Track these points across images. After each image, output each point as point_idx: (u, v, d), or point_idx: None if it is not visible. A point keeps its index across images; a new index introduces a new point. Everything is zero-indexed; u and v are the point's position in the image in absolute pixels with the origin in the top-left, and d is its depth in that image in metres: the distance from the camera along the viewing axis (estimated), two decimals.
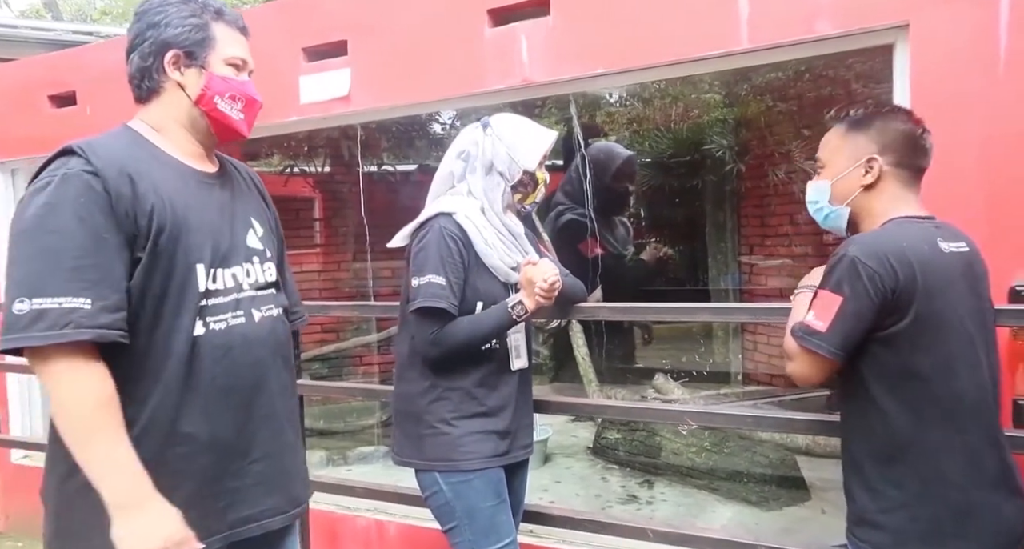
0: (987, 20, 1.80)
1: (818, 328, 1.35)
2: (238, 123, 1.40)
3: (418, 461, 1.78)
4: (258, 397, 1.38)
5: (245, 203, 1.47)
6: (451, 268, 1.69)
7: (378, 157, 5.14)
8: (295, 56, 2.81)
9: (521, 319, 1.72)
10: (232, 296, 1.35)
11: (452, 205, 1.77)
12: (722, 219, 4.83)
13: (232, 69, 1.39)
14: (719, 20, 2.14)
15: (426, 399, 1.76)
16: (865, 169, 1.45)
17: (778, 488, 3.20)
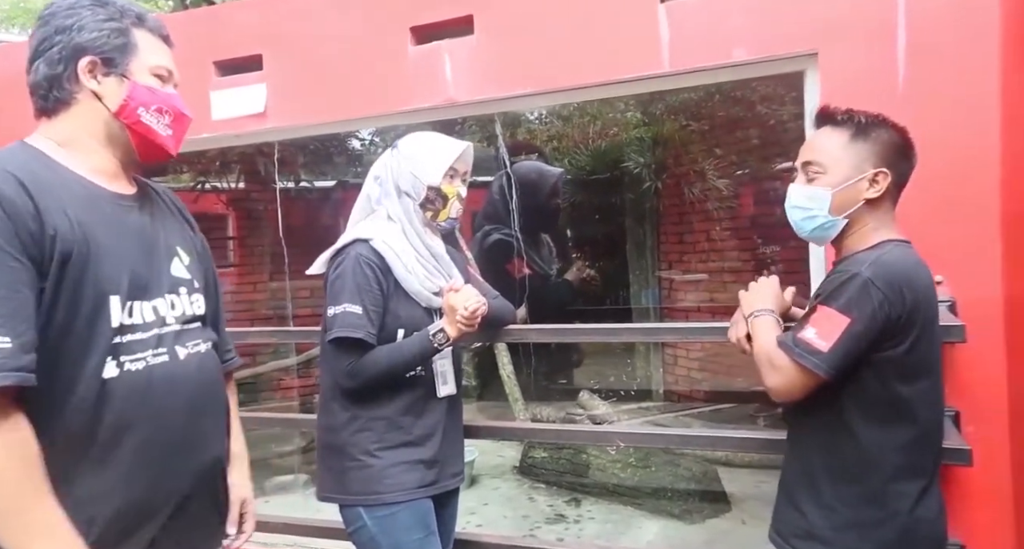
0: (886, 51, 1.91)
1: (820, 347, 1.29)
2: (165, 139, 1.26)
3: (341, 496, 1.71)
4: (185, 448, 1.23)
5: (169, 228, 1.32)
6: (368, 296, 1.64)
7: (295, 173, 4.97)
8: (205, 70, 2.67)
9: (443, 347, 1.67)
10: (152, 331, 1.20)
11: (369, 230, 1.72)
12: (642, 236, 4.94)
13: (157, 80, 1.25)
14: (641, 44, 2.18)
15: (348, 431, 1.69)
16: (870, 182, 1.39)
17: (700, 501, 3.27)
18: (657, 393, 4.79)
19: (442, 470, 1.75)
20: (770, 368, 1.35)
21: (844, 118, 1.41)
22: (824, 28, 1.96)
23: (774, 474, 3.70)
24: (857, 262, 1.33)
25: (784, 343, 1.35)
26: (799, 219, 1.44)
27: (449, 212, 1.76)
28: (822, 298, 1.33)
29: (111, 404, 1.12)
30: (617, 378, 4.87)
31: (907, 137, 1.42)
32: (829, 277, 1.38)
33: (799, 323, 1.37)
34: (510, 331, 2.09)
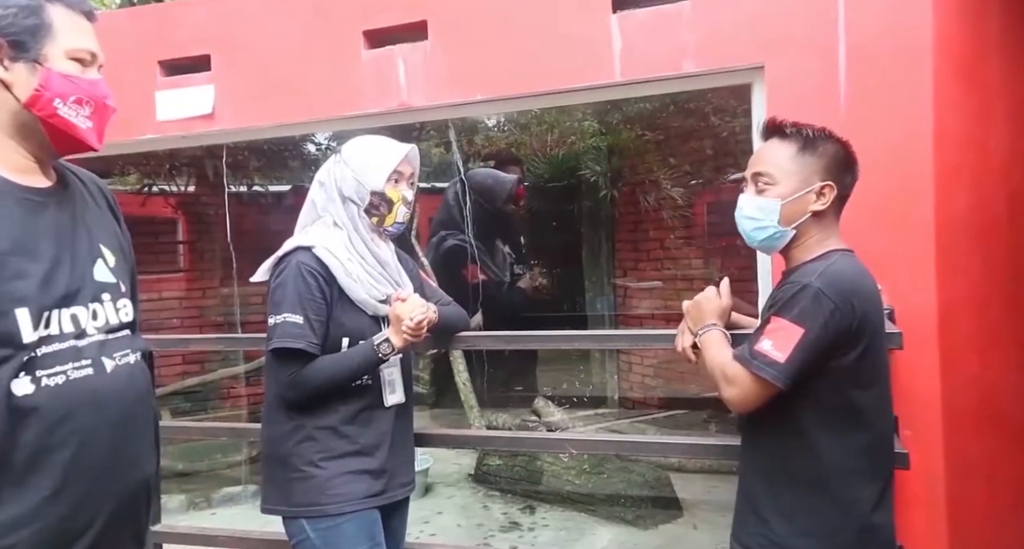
0: (829, 66, 1.97)
1: (776, 358, 1.30)
2: (85, 132, 1.13)
3: (284, 508, 1.66)
4: (113, 468, 1.13)
5: (93, 226, 1.19)
6: (310, 305, 1.60)
7: (248, 177, 4.88)
8: (150, 69, 2.61)
9: (387, 357, 1.64)
10: (70, 342, 1.09)
11: (312, 238, 1.68)
12: (597, 243, 4.98)
13: (77, 65, 1.11)
14: (594, 53, 2.20)
15: (292, 441, 1.65)
16: (817, 195, 1.42)
17: (653, 507, 3.29)
18: (612, 400, 4.82)
19: (390, 480, 1.71)
20: (725, 381, 1.37)
21: (792, 131, 1.44)
22: (770, 42, 2.01)
23: (725, 479, 3.79)
24: (806, 273, 1.36)
25: (741, 356, 1.36)
26: (750, 229, 1.46)
27: (395, 217, 1.72)
28: (775, 309, 1.35)
29: (28, 424, 1.03)
30: (572, 385, 4.89)
31: (851, 151, 1.46)
32: (781, 288, 1.40)
33: (754, 335, 1.38)
34: (463, 338, 2.06)
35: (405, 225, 1.77)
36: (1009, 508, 2.03)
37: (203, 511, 3.54)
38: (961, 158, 1.94)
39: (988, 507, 1.97)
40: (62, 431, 1.06)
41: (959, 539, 1.84)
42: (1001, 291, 2.04)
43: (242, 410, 4.59)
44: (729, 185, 4.44)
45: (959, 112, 1.93)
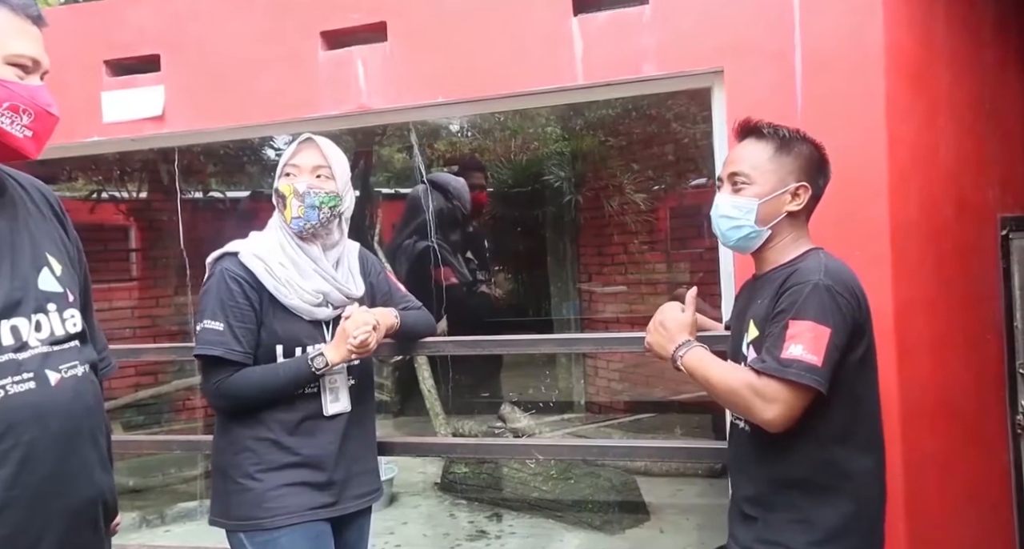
0: (786, 70, 1.98)
1: (813, 362, 1.24)
2: (23, 142, 1.08)
3: (224, 521, 1.63)
4: (59, 486, 1.08)
5: (36, 233, 1.15)
6: (233, 312, 1.57)
7: (204, 182, 4.76)
8: (95, 69, 2.51)
9: (321, 372, 1.59)
10: (7, 356, 1.05)
11: (241, 243, 1.65)
12: (562, 248, 4.98)
13: (15, 70, 1.06)
14: (555, 55, 2.19)
15: (229, 452, 1.62)
16: (792, 195, 1.42)
17: (620, 511, 3.29)
18: (579, 404, 4.82)
19: (343, 491, 1.66)
20: (760, 401, 1.27)
21: (769, 131, 1.44)
22: (729, 46, 2.02)
23: (691, 482, 3.80)
24: (806, 272, 1.33)
25: (770, 369, 1.27)
26: (726, 228, 1.45)
27: (291, 211, 1.62)
28: (791, 313, 1.29)
29: None
30: (538, 390, 4.87)
31: (824, 153, 1.47)
32: (785, 291, 1.33)
33: (769, 344, 1.30)
34: (426, 344, 2.03)
35: (308, 221, 1.62)
36: (962, 500, 2.07)
37: (157, 528, 3.43)
38: (913, 163, 1.97)
39: (943, 501, 2.00)
40: (1, 448, 1.02)
41: (917, 533, 1.87)
42: (951, 291, 2.08)
43: (198, 422, 4.46)
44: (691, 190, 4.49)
45: (910, 118, 1.96)
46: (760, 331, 1.38)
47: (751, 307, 1.44)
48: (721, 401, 1.37)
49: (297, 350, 1.63)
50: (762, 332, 1.37)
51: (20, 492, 1.04)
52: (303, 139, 1.69)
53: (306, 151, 1.67)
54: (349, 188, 1.74)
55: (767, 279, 1.44)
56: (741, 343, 1.44)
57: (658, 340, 1.46)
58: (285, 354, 1.62)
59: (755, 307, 1.42)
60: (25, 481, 1.04)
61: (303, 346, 1.63)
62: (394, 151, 5.51)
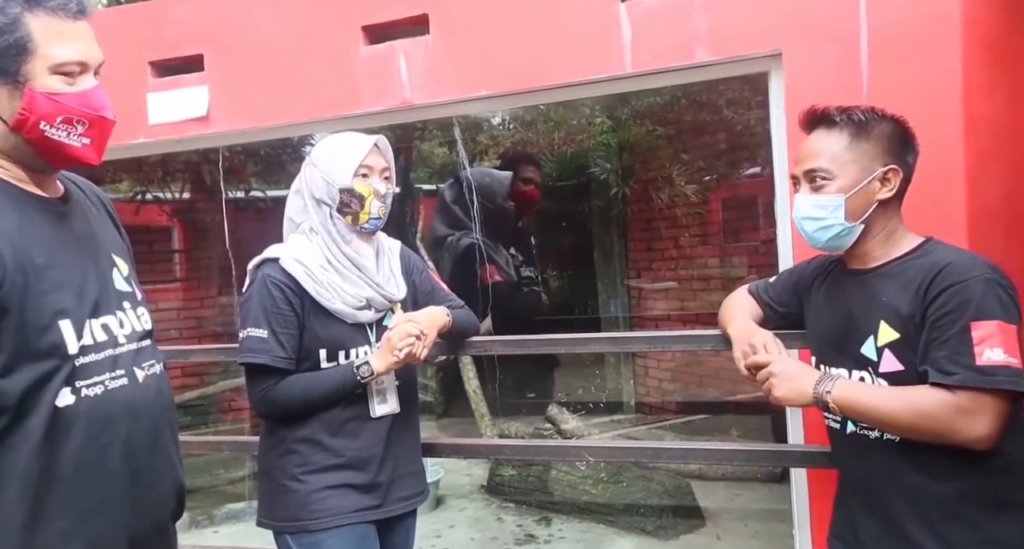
0: (850, 51, 1.87)
1: (1016, 365, 1.15)
2: (82, 151, 1.08)
3: (270, 522, 1.65)
4: (145, 483, 1.13)
5: (101, 235, 1.18)
6: (276, 318, 1.57)
7: (245, 182, 4.80)
8: (141, 70, 2.53)
9: (367, 380, 1.59)
10: (107, 352, 1.08)
11: (281, 248, 1.65)
12: (609, 243, 4.87)
13: (63, 79, 1.05)
14: (602, 44, 2.11)
15: (275, 453, 1.63)
16: (881, 181, 1.32)
17: (674, 517, 3.19)
18: (628, 405, 4.72)
19: (388, 494, 1.66)
20: (965, 419, 1.16)
21: (841, 118, 1.34)
22: (787, 28, 1.93)
23: (748, 487, 3.67)
24: (962, 268, 1.22)
25: (969, 381, 1.16)
26: (812, 230, 1.36)
27: (369, 212, 1.64)
28: (969, 314, 1.18)
29: (70, 436, 1.03)
30: (587, 391, 4.79)
31: (907, 127, 1.37)
32: (942, 290, 1.21)
33: (953, 351, 1.18)
34: (472, 343, 1.99)
35: (383, 220, 1.68)
36: None
37: (206, 529, 3.46)
38: (993, 145, 1.85)
39: None
40: (103, 441, 1.07)
41: None
42: None
43: (244, 423, 4.50)
44: (745, 180, 4.33)
45: (990, 97, 1.84)
46: (901, 333, 1.26)
47: (870, 307, 1.32)
48: (900, 429, 1.23)
49: (340, 354, 1.63)
50: (904, 335, 1.25)
51: (122, 484, 1.09)
52: (371, 140, 1.68)
53: (376, 153, 1.68)
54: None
55: (883, 274, 1.33)
56: (858, 346, 1.32)
57: (788, 388, 1.33)
58: (328, 358, 1.62)
59: (878, 307, 1.30)
60: (125, 473, 1.10)
61: (346, 349, 1.63)
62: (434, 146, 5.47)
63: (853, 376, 1.33)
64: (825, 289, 1.46)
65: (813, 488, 1.87)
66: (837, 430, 1.39)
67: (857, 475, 1.38)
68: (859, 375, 1.32)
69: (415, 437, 1.79)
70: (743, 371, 1.44)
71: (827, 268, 1.49)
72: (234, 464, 3.93)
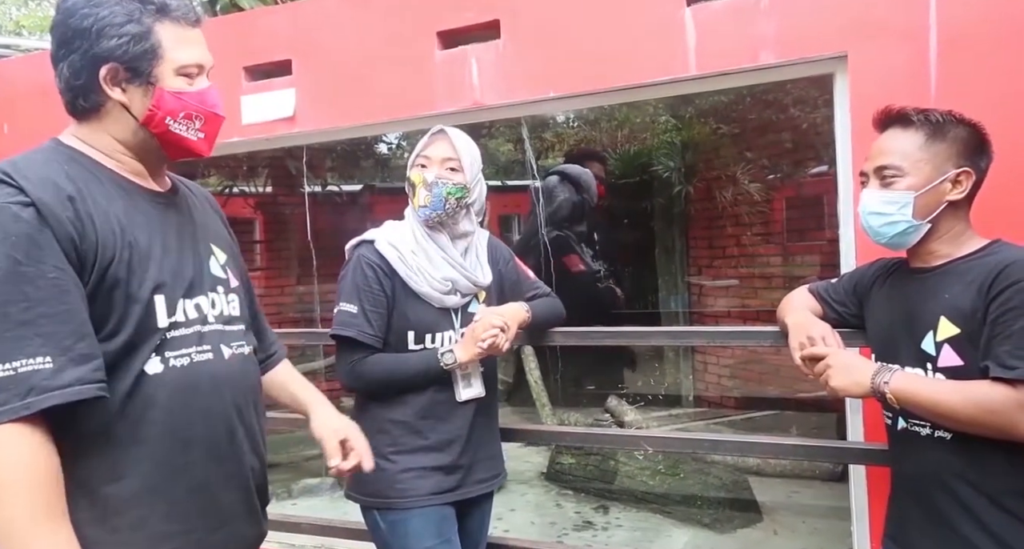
0: (919, 51, 1.86)
1: None
2: (197, 144, 1.19)
3: (359, 496, 1.72)
4: (226, 453, 1.19)
5: (203, 226, 1.28)
6: (367, 296, 1.64)
7: (322, 177, 5.02)
8: (236, 75, 2.71)
9: (450, 368, 1.64)
10: (195, 328, 1.17)
11: (378, 231, 1.73)
12: (671, 240, 4.89)
13: (185, 80, 1.16)
14: (668, 47, 2.15)
15: (367, 432, 1.64)
16: (953, 183, 1.33)
17: (731, 510, 3.20)
18: (687, 400, 4.72)
19: (467, 476, 1.71)
20: None
21: (918, 118, 1.35)
22: (853, 29, 1.92)
23: (807, 484, 3.65)
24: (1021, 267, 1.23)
25: None
26: (878, 225, 1.37)
27: (419, 200, 1.68)
28: None
29: (157, 401, 1.11)
30: (646, 384, 4.82)
31: (983, 133, 1.37)
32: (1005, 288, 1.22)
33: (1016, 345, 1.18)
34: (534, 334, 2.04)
35: (433, 210, 1.67)
36: None
37: (284, 501, 3.66)
38: None
39: None
40: (186, 409, 1.13)
41: None
42: None
43: None
44: (810, 179, 4.27)
45: None
46: (962, 329, 1.27)
47: (931, 303, 1.33)
48: (960, 423, 1.23)
49: (427, 337, 1.68)
50: (965, 330, 1.26)
51: (203, 452, 1.15)
52: (435, 131, 1.72)
53: (438, 143, 1.71)
54: (479, 180, 1.76)
55: (945, 272, 1.34)
56: (917, 341, 1.33)
57: (845, 379, 1.34)
58: (415, 341, 1.67)
59: (939, 302, 1.31)
60: (207, 442, 1.15)
61: (433, 333, 1.68)
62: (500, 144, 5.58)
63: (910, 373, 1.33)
64: (887, 289, 1.47)
65: (873, 486, 1.88)
66: (889, 426, 1.40)
67: (908, 473, 1.38)
68: (916, 372, 1.32)
69: (494, 421, 1.83)
70: (798, 361, 1.45)
71: (889, 269, 1.49)
72: (309, 443, 4.11)
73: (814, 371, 1.41)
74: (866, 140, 1.51)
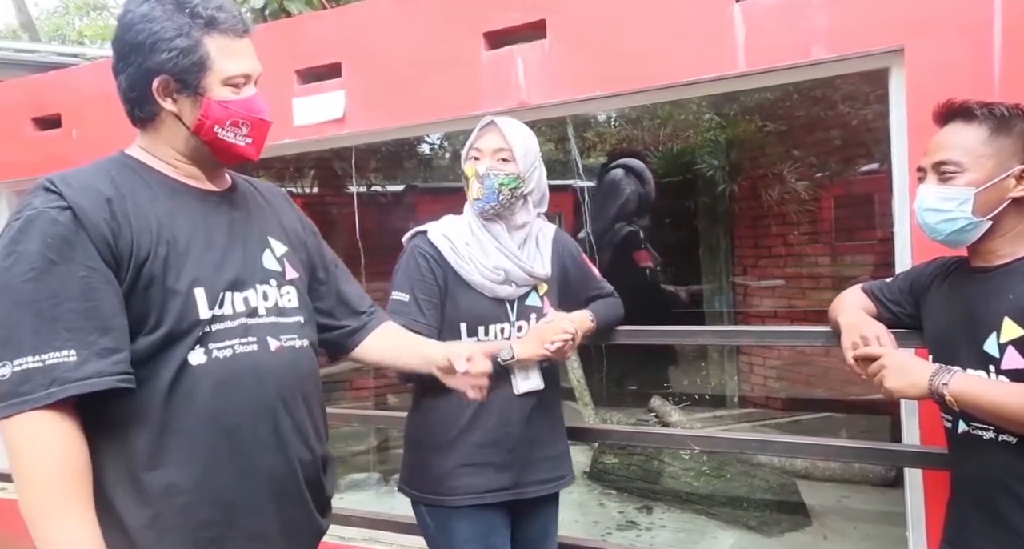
0: (981, 43, 1.80)
1: None
2: (245, 149, 1.24)
3: (408, 490, 1.71)
4: (269, 444, 1.20)
5: (262, 221, 1.32)
6: (419, 285, 1.64)
7: (367, 178, 5.10)
8: (288, 78, 2.78)
9: (507, 363, 1.60)
10: (240, 321, 1.20)
11: (434, 223, 1.73)
12: (715, 240, 4.83)
13: (231, 89, 1.21)
14: (716, 43, 2.13)
15: (420, 426, 1.69)
16: (1017, 179, 1.29)
17: (778, 513, 3.16)
18: (731, 401, 4.67)
19: (521, 475, 1.65)
20: None
21: (982, 112, 1.31)
22: (911, 22, 1.87)
23: (857, 489, 3.57)
24: None
25: None
26: (935, 222, 1.33)
27: (472, 193, 1.68)
28: None
29: (200, 391, 1.14)
30: (691, 384, 4.77)
31: None
32: None
33: None
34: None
35: (486, 202, 1.66)
36: None
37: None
38: None
39: None
40: (230, 399, 1.16)
41: None
42: None
43: (366, 402, 4.79)
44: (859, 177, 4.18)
45: None
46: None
47: (994, 303, 1.29)
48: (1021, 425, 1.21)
49: (480, 328, 1.66)
50: None
51: (244, 443, 1.17)
52: (486, 122, 1.72)
53: (488, 134, 1.70)
54: (536, 169, 1.73)
55: (1009, 272, 1.30)
56: (979, 342, 1.29)
57: (901, 380, 1.30)
58: (468, 332, 1.65)
59: (1003, 303, 1.28)
60: (249, 432, 1.17)
61: (486, 325, 1.66)
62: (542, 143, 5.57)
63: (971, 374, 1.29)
64: (945, 288, 1.43)
65: (929, 491, 1.83)
66: (949, 429, 1.36)
67: (969, 477, 1.34)
68: (977, 373, 1.28)
69: (557, 419, 1.76)
70: (850, 361, 1.42)
71: (947, 269, 1.45)
72: (356, 439, 4.21)
73: (867, 372, 1.37)
74: (923, 136, 1.47)
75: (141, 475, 1.11)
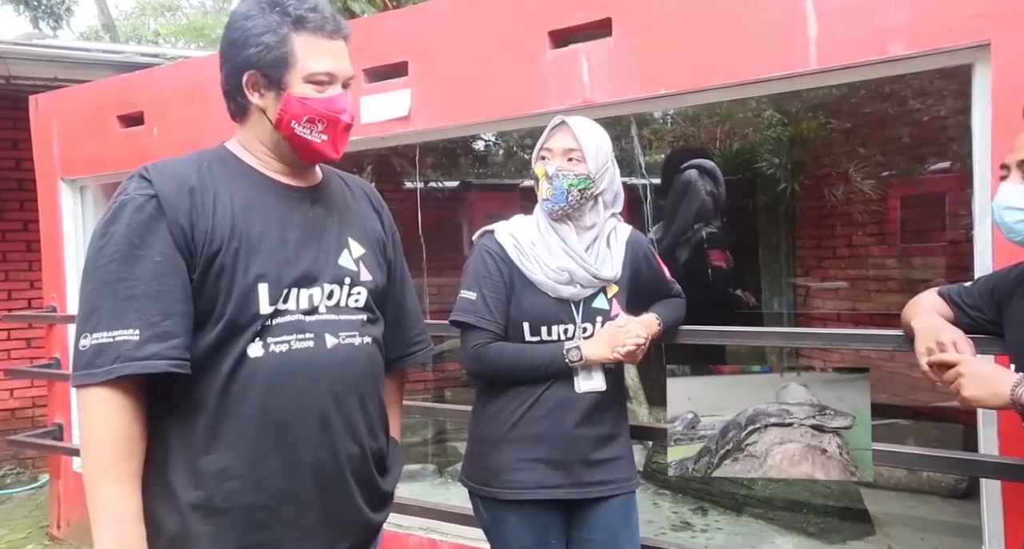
0: None
1: None
2: (321, 146, 1.25)
3: (467, 482, 1.74)
4: (318, 439, 1.23)
5: (345, 220, 1.33)
6: (486, 284, 1.66)
7: (424, 173, 5.17)
8: (357, 77, 2.83)
9: (574, 364, 1.62)
10: (299, 316, 1.22)
11: (503, 223, 1.75)
12: (776, 240, 4.73)
13: (313, 87, 1.23)
14: (786, 40, 2.09)
15: (481, 419, 1.71)
16: None
17: (840, 520, 3.09)
18: None
19: (577, 474, 1.64)
20: None
21: None
22: (998, 15, 1.81)
23: (925, 499, 3.47)
24: None
25: None
26: (1013, 221, 1.31)
27: (542, 193, 1.68)
28: None
29: (255, 382, 1.18)
30: None
31: None
32: None
33: None
34: None
35: (555, 203, 1.66)
36: None
37: None
38: None
39: None
40: (282, 393, 1.19)
41: None
42: None
43: (425, 394, 4.86)
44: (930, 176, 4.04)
45: None
46: None
47: None
48: None
49: (543, 329, 1.66)
50: None
51: (294, 434, 1.20)
52: (556, 122, 1.72)
53: (559, 134, 1.70)
54: (608, 169, 1.72)
55: None
56: None
57: (980, 388, 1.26)
58: (531, 332, 1.66)
59: None
60: (300, 425, 1.20)
61: (549, 325, 1.66)
62: None
63: None
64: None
65: (1008, 503, 1.78)
66: None
67: None
68: None
69: (621, 419, 1.74)
70: (924, 368, 1.38)
71: None
72: (412, 430, 4.28)
73: (943, 379, 1.33)
74: (1007, 133, 1.43)
75: (197, 458, 1.17)
